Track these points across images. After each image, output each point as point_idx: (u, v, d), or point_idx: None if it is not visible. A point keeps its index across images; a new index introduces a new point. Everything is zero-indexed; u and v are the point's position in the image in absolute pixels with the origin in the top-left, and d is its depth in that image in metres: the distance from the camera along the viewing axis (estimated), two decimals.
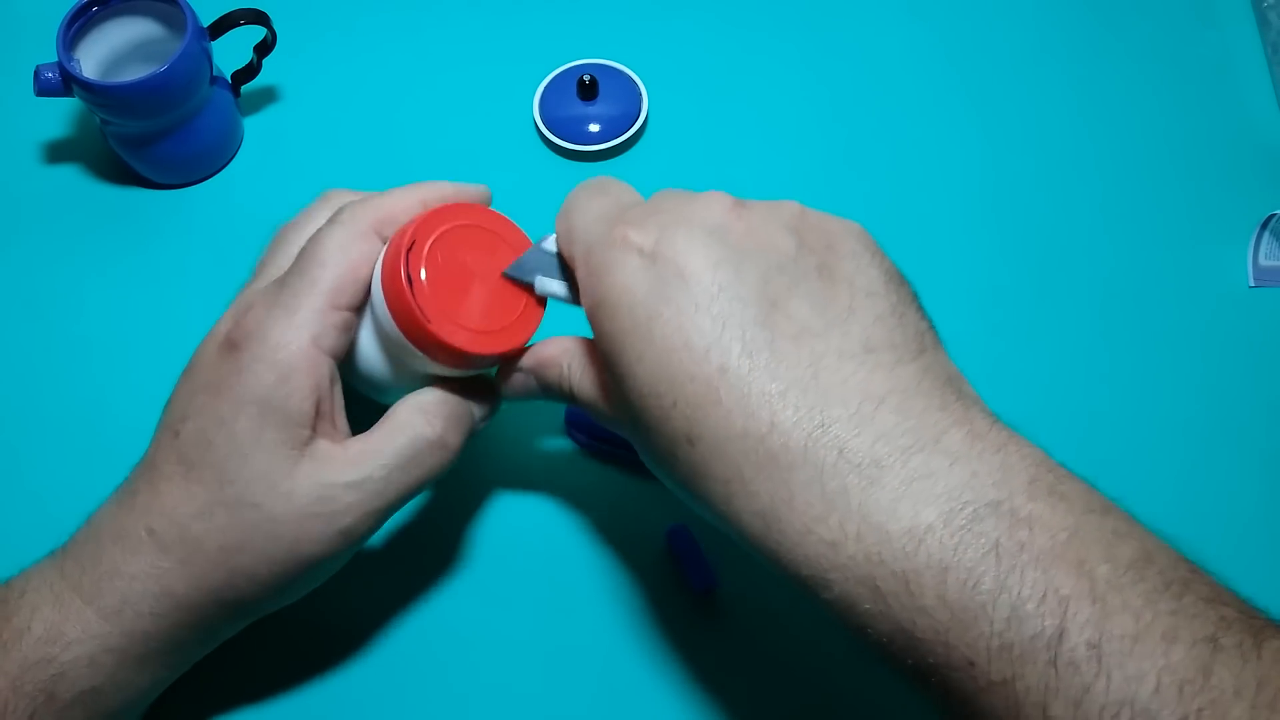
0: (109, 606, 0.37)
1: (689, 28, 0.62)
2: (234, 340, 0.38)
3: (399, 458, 0.38)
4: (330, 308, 0.38)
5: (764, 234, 0.34)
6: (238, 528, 0.37)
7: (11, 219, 0.56)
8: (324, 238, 0.39)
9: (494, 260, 0.40)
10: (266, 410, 0.37)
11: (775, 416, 0.31)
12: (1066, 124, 0.59)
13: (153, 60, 0.54)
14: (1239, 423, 0.50)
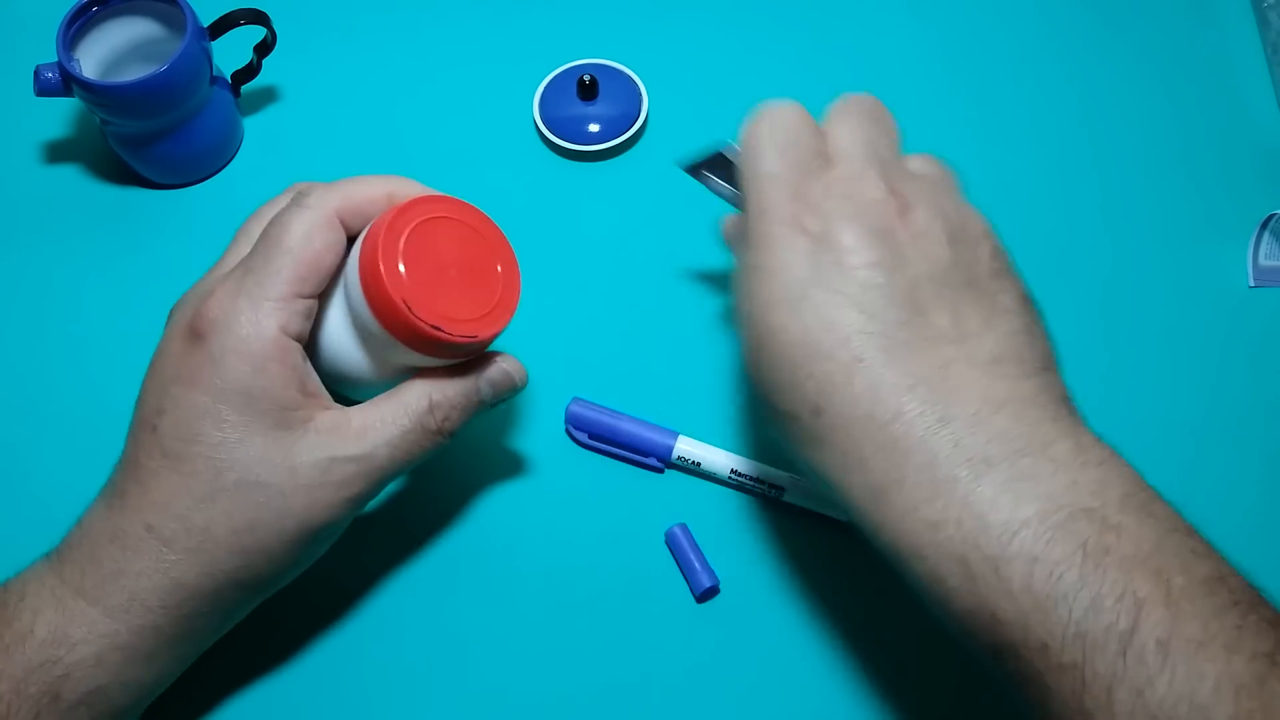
0: (116, 605, 0.37)
1: (689, 28, 0.62)
2: (198, 330, 0.38)
3: (403, 437, 0.39)
4: (295, 295, 0.38)
5: (924, 242, 0.37)
6: (245, 508, 0.37)
7: (11, 219, 0.56)
8: (288, 222, 0.39)
9: (467, 251, 0.40)
10: (250, 399, 0.37)
11: (902, 407, 0.34)
12: (1066, 124, 0.59)
13: (153, 60, 0.54)
14: (1239, 423, 0.50)
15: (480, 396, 0.41)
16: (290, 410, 0.38)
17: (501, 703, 0.44)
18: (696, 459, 0.48)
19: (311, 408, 0.39)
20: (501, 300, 0.41)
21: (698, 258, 0.55)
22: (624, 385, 0.51)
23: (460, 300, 0.39)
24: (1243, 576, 0.32)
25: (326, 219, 0.39)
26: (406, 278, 0.38)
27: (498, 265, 0.41)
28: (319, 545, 0.40)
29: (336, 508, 0.39)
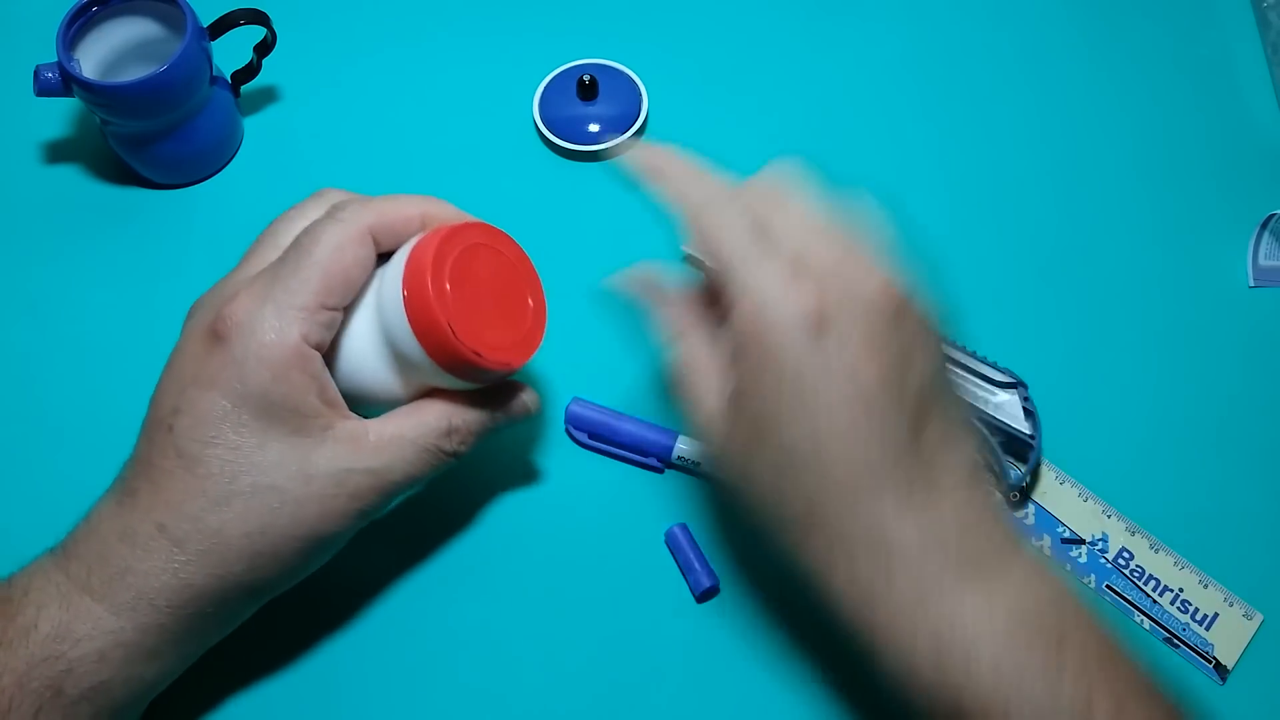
0: (123, 603, 0.37)
1: (689, 28, 0.62)
2: (220, 331, 0.37)
3: (418, 455, 0.40)
4: (320, 306, 0.38)
5: (925, 339, 0.37)
6: (258, 512, 0.37)
7: (11, 219, 0.56)
8: (319, 233, 0.39)
9: (502, 280, 0.41)
10: (269, 406, 0.37)
11: (901, 526, 0.35)
12: (1066, 124, 0.59)
13: (153, 60, 0.54)
14: (1239, 423, 0.50)
15: (495, 420, 0.42)
16: (309, 418, 0.38)
17: (501, 702, 0.44)
18: (697, 459, 0.48)
19: (330, 416, 0.39)
20: (530, 331, 0.41)
21: None
22: (624, 385, 0.51)
23: (495, 328, 0.39)
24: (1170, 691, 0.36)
25: (359, 234, 0.39)
26: (453, 301, 0.38)
27: (529, 297, 0.42)
28: (325, 553, 0.40)
29: (347, 518, 0.39)
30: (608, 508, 0.48)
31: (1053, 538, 0.47)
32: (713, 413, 0.38)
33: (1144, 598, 0.46)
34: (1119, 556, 0.47)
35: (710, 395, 0.39)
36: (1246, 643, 0.45)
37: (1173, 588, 0.46)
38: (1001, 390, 0.49)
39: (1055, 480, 0.48)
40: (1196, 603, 0.46)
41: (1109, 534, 0.47)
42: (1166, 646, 0.45)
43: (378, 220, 0.39)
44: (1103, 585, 0.46)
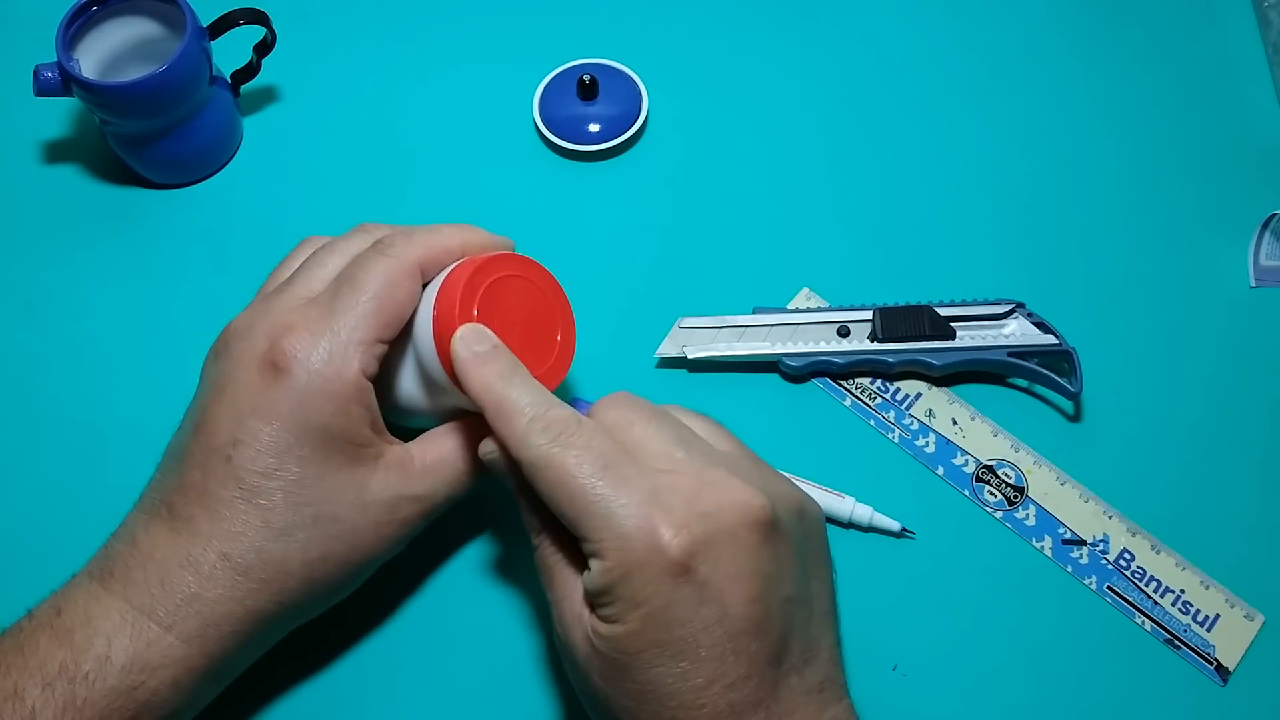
0: (191, 630, 0.37)
1: (689, 28, 0.62)
2: (279, 364, 0.38)
3: (459, 478, 0.41)
4: (375, 340, 0.39)
5: (787, 558, 0.35)
6: (319, 542, 0.38)
7: (11, 219, 0.56)
8: (371, 266, 0.40)
9: (531, 307, 0.41)
10: (330, 438, 0.38)
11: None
12: (1067, 124, 0.59)
13: (152, 60, 0.54)
14: (1239, 423, 0.50)
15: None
16: (364, 447, 0.39)
17: (501, 702, 0.44)
18: None
19: (380, 444, 0.40)
20: (555, 365, 0.42)
21: (698, 257, 0.54)
22: (624, 385, 0.51)
23: (522, 356, 0.39)
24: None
25: (410, 269, 0.40)
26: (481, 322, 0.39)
27: (558, 330, 0.42)
28: (367, 573, 0.41)
29: (397, 542, 0.41)
30: None
31: (1054, 539, 0.47)
32: (573, 624, 0.36)
33: (1145, 599, 0.46)
34: (1120, 558, 0.47)
35: (573, 605, 0.36)
36: (1248, 644, 0.45)
37: (1174, 589, 0.46)
38: (1008, 320, 0.50)
39: (1056, 481, 0.48)
40: (1198, 604, 0.46)
41: (1110, 535, 0.47)
42: (1168, 648, 0.45)
43: (425, 254, 0.40)
44: (1104, 586, 0.46)
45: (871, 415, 0.50)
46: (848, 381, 0.51)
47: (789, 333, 0.51)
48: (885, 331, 0.50)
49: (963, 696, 0.44)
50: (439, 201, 0.56)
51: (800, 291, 0.53)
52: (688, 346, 0.51)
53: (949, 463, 0.49)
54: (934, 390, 0.51)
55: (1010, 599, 0.46)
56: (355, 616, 0.46)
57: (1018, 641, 0.45)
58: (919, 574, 0.47)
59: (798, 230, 0.55)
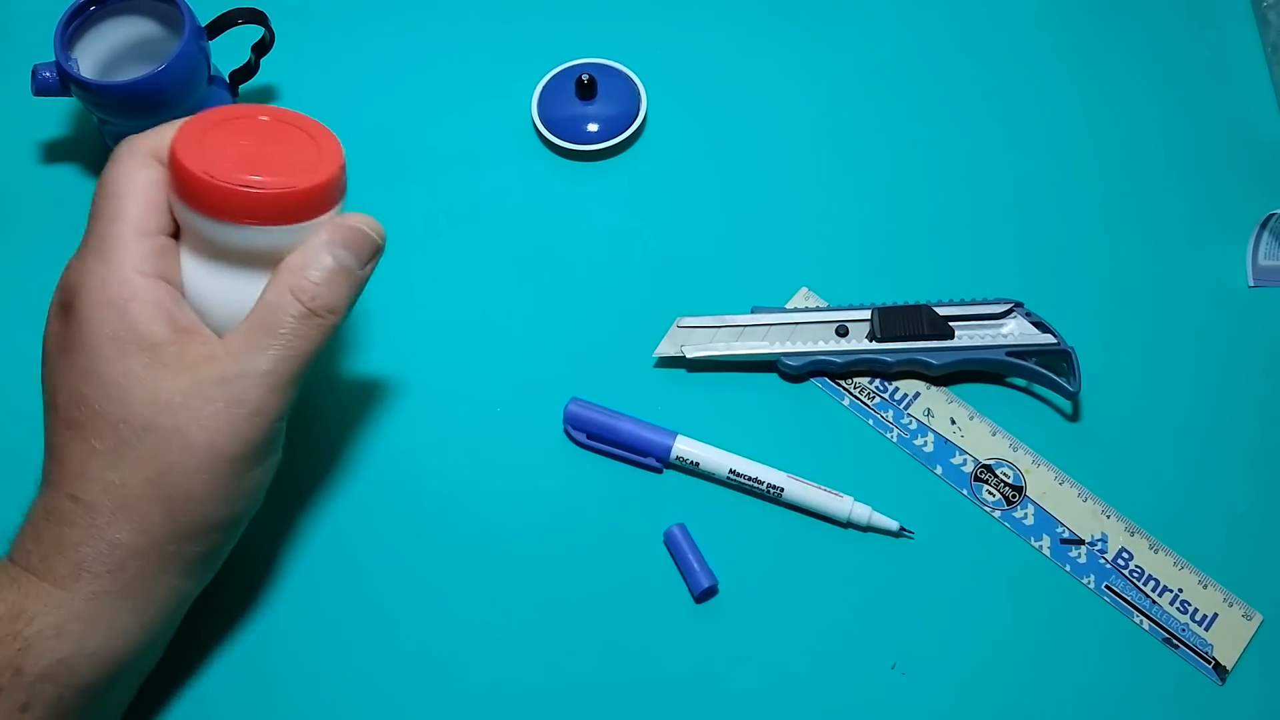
0: (64, 575, 0.37)
1: (689, 28, 0.62)
2: (65, 301, 0.39)
3: (279, 337, 0.39)
4: (137, 235, 0.39)
5: None
6: (151, 456, 0.37)
7: (9, 219, 0.56)
8: (108, 175, 0.40)
9: (272, 136, 0.40)
10: (120, 346, 0.37)
11: None
12: (1066, 123, 0.59)
13: (150, 60, 0.54)
14: (1237, 422, 0.50)
15: (339, 263, 0.40)
16: (161, 347, 0.38)
17: (501, 702, 0.44)
18: (695, 459, 0.48)
19: (183, 343, 0.38)
20: (321, 159, 0.40)
21: (697, 257, 0.54)
22: (623, 385, 0.51)
23: (271, 168, 0.39)
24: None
25: (141, 159, 0.40)
26: (205, 157, 0.38)
27: (309, 137, 0.41)
28: (246, 474, 0.39)
29: (240, 430, 0.38)
30: (607, 508, 0.48)
31: (1052, 538, 0.47)
32: None
33: (1143, 598, 0.46)
34: (1118, 557, 0.47)
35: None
36: (1246, 643, 0.45)
37: (1172, 588, 0.46)
38: (1006, 319, 0.50)
39: (1054, 480, 0.48)
40: (1196, 603, 0.46)
41: (1108, 534, 0.47)
42: (1166, 647, 0.45)
43: (154, 141, 0.40)
44: (1102, 585, 0.46)
45: (870, 415, 0.50)
46: (846, 381, 0.51)
47: (787, 332, 0.51)
48: (884, 331, 0.50)
49: (961, 695, 0.44)
50: (438, 201, 0.56)
51: (799, 291, 0.53)
52: (686, 346, 0.51)
53: (947, 462, 0.49)
54: (932, 390, 0.51)
55: (1008, 598, 0.46)
56: (336, 613, 0.46)
57: (1016, 641, 0.45)
58: (917, 573, 0.47)
59: (796, 230, 0.55)
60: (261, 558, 0.47)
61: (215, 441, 0.38)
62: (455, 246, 0.55)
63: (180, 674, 0.44)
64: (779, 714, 0.44)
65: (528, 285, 0.54)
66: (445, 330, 0.53)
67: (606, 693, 0.44)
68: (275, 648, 0.45)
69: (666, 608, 0.46)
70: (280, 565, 0.47)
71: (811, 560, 0.47)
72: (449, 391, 0.51)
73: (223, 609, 0.46)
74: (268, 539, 0.47)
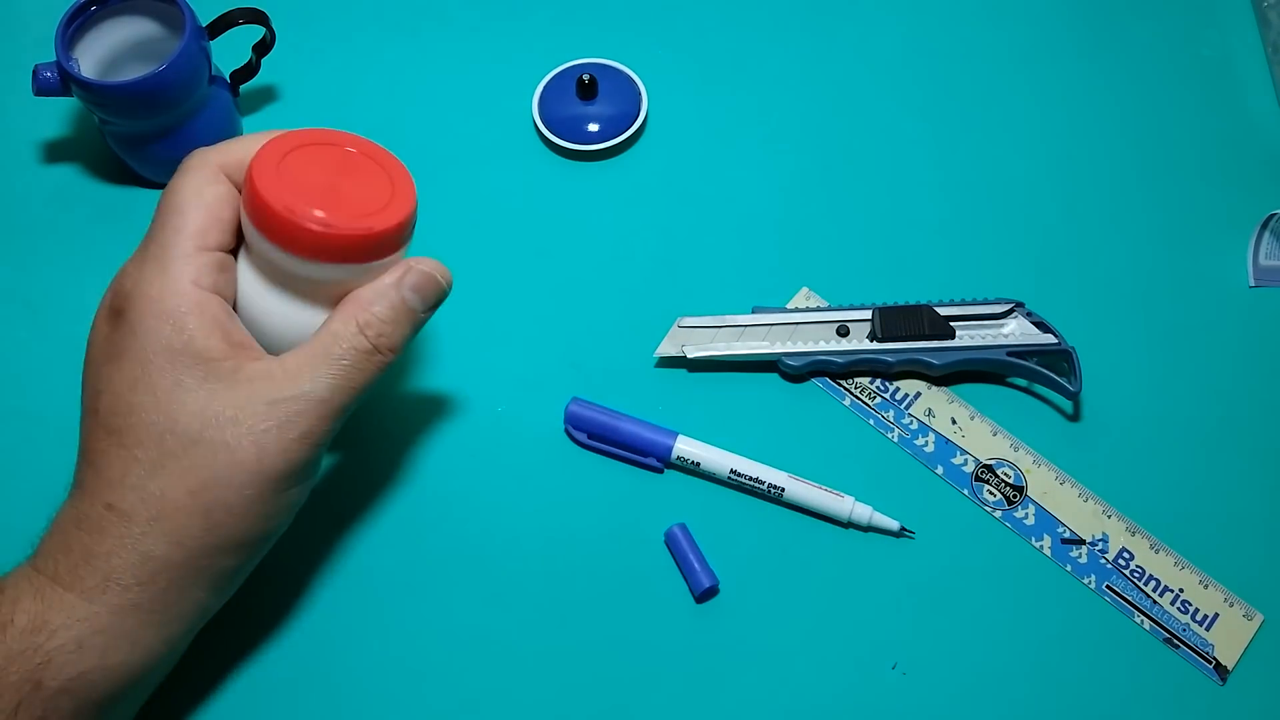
0: (92, 587, 0.37)
1: (689, 28, 0.62)
2: (117, 307, 0.39)
3: (339, 365, 0.39)
4: (198, 249, 0.39)
5: None
6: (196, 468, 0.37)
7: (10, 219, 0.56)
8: (175, 186, 0.40)
9: (348, 168, 0.41)
10: (174, 357, 0.37)
11: None
12: (1067, 123, 0.59)
13: (151, 60, 0.54)
14: (1238, 422, 0.50)
15: (407, 304, 0.41)
16: (217, 361, 0.38)
17: (501, 702, 0.44)
18: (696, 459, 0.48)
19: (240, 359, 0.38)
20: (394, 199, 0.40)
21: (697, 257, 0.55)
22: (624, 385, 0.51)
23: (347, 204, 0.39)
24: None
25: (211, 173, 0.40)
26: (284, 187, 0.38)
27: (384, 172, 0.41)
28: (285, 493, 0.39)
29: (288, 450, 0.38)
30: (607, 508, 0.48)
31: (1053, 538, 0.47)
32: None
33: (1144, 598, 0.46)
34: (1119, 557, 0.47)
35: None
36: (1247, 643, 0.45)
37: (1173, 588, 0.46)
38: (1007, 319, 0.50)
39: (1055, 480, 0.48)
40: (1197, 603, 0.46)
41: (1109, 534, 0.47)
42: (1166, 647, 0.45)
43: (225, 157, 0.40)
44: (1103, 585, 0.46)
45: (871, 415, 0.50)
46: (847, 381, 0.51)
47: (788, 332, 0.51)
48: (884, 331, 0.50)
49: (962, 695, 0.44)
50: (439, 201, 0.56)
51: (799, 291, 0.53)
52: (687, 346, 0.51)
53: (948, 462, 0.49)
54: (933, 390, 0.51)
55: (1009, 598, 0.46)
56: (335, 612, 0.46)
57: (1017, 640, 0.45)
58: (918, 573, 0.47)
59: (797, 230, 0.55)
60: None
61: (263, 459, 0.38)
62: (456, 246, 0.55)
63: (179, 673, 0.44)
64: (779, 714, 0.44)
65: (529, 285, 0.54)
66: (446, 330, 0.53)
67: (607, 693, 0.44)
68: (275, 648, 0.45)
69: (667, 607, 0.46)
70: (279, 565, 0.47)
71: (812, 560, 0.47)
72: (450, 391, 0.51)
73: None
74: None
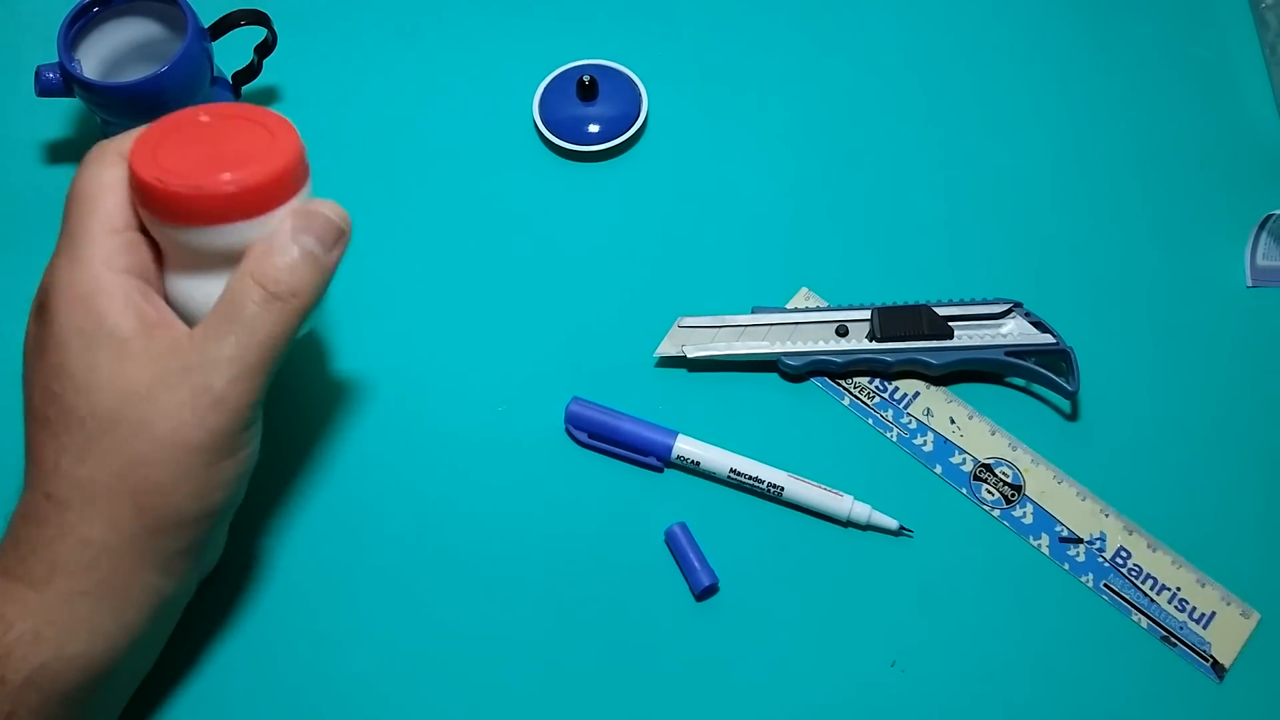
0: (40, 577, 0.37)
1: (689, 28, 0.62)
2: (39, 301, 0.39)
3: (241, 325, 0.38)
4: (107, 232, 0.39)
5: None
6: (117, 449, 0.37)
7: (12, 219, 0.56)
8: (78, 177, 0.40)
9: (225, 133, 0.40)
10: (87, 340, 0.38)
11: None
12: (1066, 124, 0.59)
13: (153, 61, 0.54)
14: (1235, 422, 0.50)
15: (303, 248, 0.39)
16: (129, 340, 0.38)
17: (501, 702, 0.44)
18: (696, 458, 0.48)
19: (154, 336, 0.38)
20: (273, 149, 0.40)
21: (697, 257, 0.55)
22: (624, 385, 0.51)
23: (227, 163, 0.38)
24: None
25: (108, 160, 0.40)
26: (159, 161, 0.38)
27: (265, 129, 0.41)
28: (215, 466, 0.39)
29: (205, 418, 0.37)
30: (607, 507, 0.48)
31: (1050, 537, 0.47)
32: None
33: (1141, 596, 0.46)
34: (1117, 555, 0.47)
35: None
36: (1244, 641, 0.45)
37: (1170, 586, 0.46)
38: (1005, 319, 0.50)
39: (1053, 479, 0.49)
40: (1194, 601, 0.46)
41: (1107, 533, 0.47)
42: (1164, 645, 0.45)
43: (123, 144, 0.40)
44: (1100, 584, 0.46)
45: (870, 414, 0.50)
46: (846, 381, 0.51)
47: (788, 332, 0.51)
48: (883, 331, 0.50)
49: (960, 693, 0.44)
50: (439, 201, 0.56)
51: (799, 291, 0.54)
52: (687, 346, 0.51)
53: (947, 461, 0.49)
54: (932, 389, 0.51)
55: (1007, 597, 0.46)
56: (335, 612, 0.46)
57: (1015, 639, 0.45)
58: (917, 572, 0.47)
59: (796, 230, 0.55)
60: (260, 558, 0.47)
61: (180, 430, 0.37)
62: (456, 246, 0.55)
63: (177, 674, 0.45)
64: (779, 712, 0.44)
65: (529, 285, 0.54)
66: (447, 330, 0.53)
67: (606, 692, 0.45)
68: (274, 647, 0.45)
69: (667, 606, 0.46)
70: (279, 565, 0.47)
71: (811, 559, 0.47)
72: (450, 391, 0.51)
73: (220, 610, 0.46)
74: (267, 539, 0.47)
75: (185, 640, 0.44)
